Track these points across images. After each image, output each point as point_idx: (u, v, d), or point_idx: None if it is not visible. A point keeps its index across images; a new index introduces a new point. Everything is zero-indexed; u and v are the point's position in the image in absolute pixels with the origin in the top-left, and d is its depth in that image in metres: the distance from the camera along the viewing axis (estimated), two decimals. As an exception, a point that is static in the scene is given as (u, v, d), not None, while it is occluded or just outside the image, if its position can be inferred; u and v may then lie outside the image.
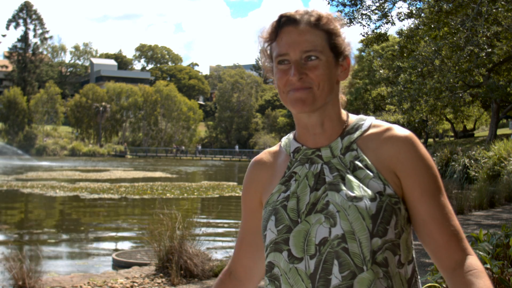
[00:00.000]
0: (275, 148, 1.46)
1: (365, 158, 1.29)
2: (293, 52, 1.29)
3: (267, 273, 1.32)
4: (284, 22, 1.31)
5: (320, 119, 1.33)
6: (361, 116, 1.38)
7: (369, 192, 1.24)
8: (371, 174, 1.27)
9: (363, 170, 1.28)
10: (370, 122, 1.36)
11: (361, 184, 1.26)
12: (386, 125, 1.34)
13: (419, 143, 1.30)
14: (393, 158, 1.28)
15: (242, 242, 1.49)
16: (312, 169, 1.32)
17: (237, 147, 68.24)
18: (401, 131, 1.31)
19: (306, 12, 1.32)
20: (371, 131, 1.34)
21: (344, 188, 1.26)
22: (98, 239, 10.88)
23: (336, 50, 1.32)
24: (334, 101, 1.35)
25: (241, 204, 1.50)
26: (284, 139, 1.44)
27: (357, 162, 1.29)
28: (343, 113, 1.38)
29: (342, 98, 1.40)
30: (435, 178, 1.29)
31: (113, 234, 11.59)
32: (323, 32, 1.30)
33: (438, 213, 1.27)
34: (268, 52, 1.36)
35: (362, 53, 48.68)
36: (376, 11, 12.51)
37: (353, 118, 1.38)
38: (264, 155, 1.46)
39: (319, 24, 1.30)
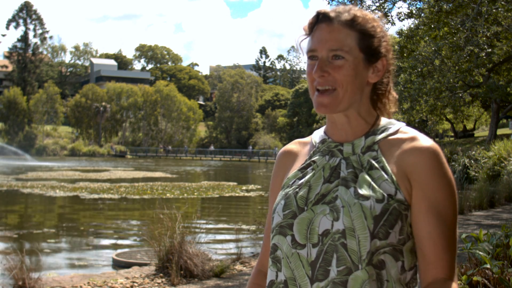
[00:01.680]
0: (306, 139, 1.48)
1: (383, 160, 1.29)
2: (320, 49, 1.30)
3: (271, 254, 1.35)
4: (320, 19, 1.32)
5: (347, 119, 1.34)
6: (392, 120, 1.38)
7: (378, 192, 1.24)
8: (385, 176, 1.27)
9: (378, 171, 1.28)
10: (398, 127, 1.35)
11: (372, 183, 1.26)
12: (412, 133, 1.32)
13: (441, 157, 1.27)
14: (410, 167, 1.27)
15: (268, 231, 1.47)
16: (331, 162, 1.34)
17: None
18: (425, 141, 1.28)
19: (343, 10, 1.32)
20: (396, 136, 1.33)
21: (354, 185, 1.27)
22: (98, 239, 10.88)
23: (368, 51, 1.31)
24: (363, 102, 1.35)
25: (269, 193, 1.50)
26: (316, 131, 1.47)
27: (374, 162, 1.29)
28: (373, 114, 1.38)
29: (391, 96, 1.40)
30: (448, 198, 1.26)
31: (113, 234, 11.59)
32: (356, 32, 1.30)
33: (438, 235, 1.24)
34: (304, 48, 1.38)
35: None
36: (376, 11, 12.51)
37: (383, 121, 1.38)
38: (292, 144, 1.49)
39: (353, 24, 1.30)
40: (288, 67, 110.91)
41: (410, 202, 1.27)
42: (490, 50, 15.38)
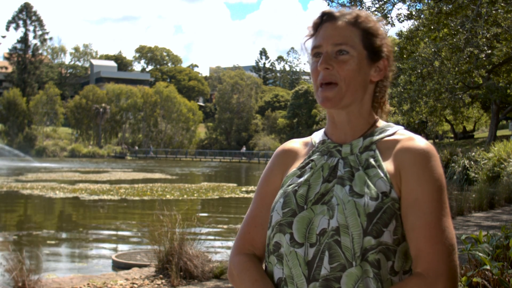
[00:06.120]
0: (306, 139, 1.50)
1: (380, 159, 1.31)
2: (325, 44, 1.34)
3: (274, 252, 1.34)
4: (325, 19, 1.37)
5: (348, 117, 1.36)
6: (390, 123, 1.41)
7: (373, 190, 1.25)
8: (381, 174, 1.28)
9: (375, 169, 1.29)
10: (396, 130, 1.38)
11: (368, 181, 1.27)
12: (409, 135, 1.35)
13: (431, 156, 1.28)
14: (402, 164, 1.29)
15: (256, 219, 1.44)
16: (329, 162, 1.35)
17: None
18: (420, 142, 1.31)
19: (347, 12, 1.37)
20: (393, 137, 1.35)
21: (350, 183, 1.28)
22: (98, 241, 10.88)
23: (371, 48, 1.35)
24: (365, 101, 1.37)
25: (260, 184, 1.47)
26: (316, 133, 1.48)
27: (371, 160, 1.31)
28: (373, 116, 1.40)
29: (386, 106, 1.43)
30: (436, 192, 1.25)
31: (113, 235, 11.59)
32: (360, 30, 1.35)
33: (421, 226, 1.23)
34: (308, 48, 1.40)
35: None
36: (376, 12, 12.50)
37: (381, 124, 1.40)
38: (293, 143, 1.50)
39: (356, 22, 1.35)
40: (288, 68, 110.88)
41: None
42: (489, 51, 15.38)
